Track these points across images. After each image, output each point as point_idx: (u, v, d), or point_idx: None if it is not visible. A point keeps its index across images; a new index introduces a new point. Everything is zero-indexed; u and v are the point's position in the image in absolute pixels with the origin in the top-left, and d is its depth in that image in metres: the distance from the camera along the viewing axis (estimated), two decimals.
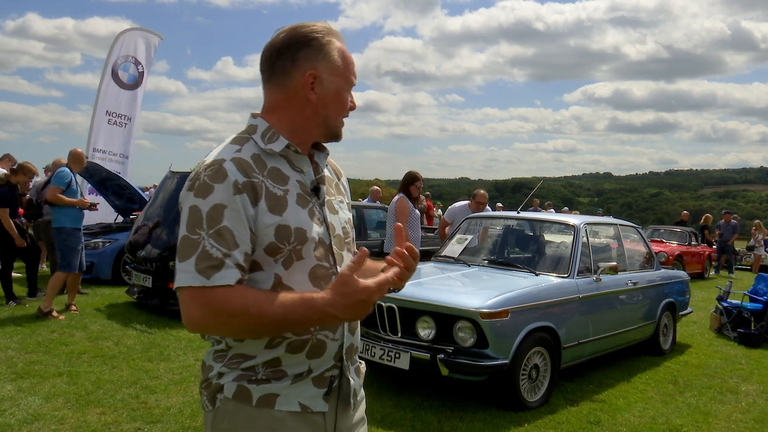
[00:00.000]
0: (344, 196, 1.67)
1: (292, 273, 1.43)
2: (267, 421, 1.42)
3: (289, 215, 1.42)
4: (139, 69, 12.35)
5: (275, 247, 1.39)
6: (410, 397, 4.66)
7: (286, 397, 1.43)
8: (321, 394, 1.46)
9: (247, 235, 1.37)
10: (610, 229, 6.65)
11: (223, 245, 1.34)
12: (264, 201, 1.39)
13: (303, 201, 1.47)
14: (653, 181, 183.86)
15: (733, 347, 7.19)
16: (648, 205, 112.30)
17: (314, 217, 1.48)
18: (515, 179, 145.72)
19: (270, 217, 1.39)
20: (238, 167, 1.39)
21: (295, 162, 1.49)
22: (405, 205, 6.90)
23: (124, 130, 12.14)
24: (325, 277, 1.47)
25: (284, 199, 1.42)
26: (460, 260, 5.78)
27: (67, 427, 3.86)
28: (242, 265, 1.36)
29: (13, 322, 6.49)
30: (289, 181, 1.46)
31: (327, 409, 1.47)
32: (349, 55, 1.56)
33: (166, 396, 4.46)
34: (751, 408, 4.97)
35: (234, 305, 1.32)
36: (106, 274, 9.13)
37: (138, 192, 9.96)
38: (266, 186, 1.41)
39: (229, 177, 1.37)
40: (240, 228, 1.36)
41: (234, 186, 1.36)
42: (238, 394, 1.42)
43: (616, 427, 4.37)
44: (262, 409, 1.41)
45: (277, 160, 1.47)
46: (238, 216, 1.36)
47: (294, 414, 1.43)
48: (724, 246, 16.64)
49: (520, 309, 4.48)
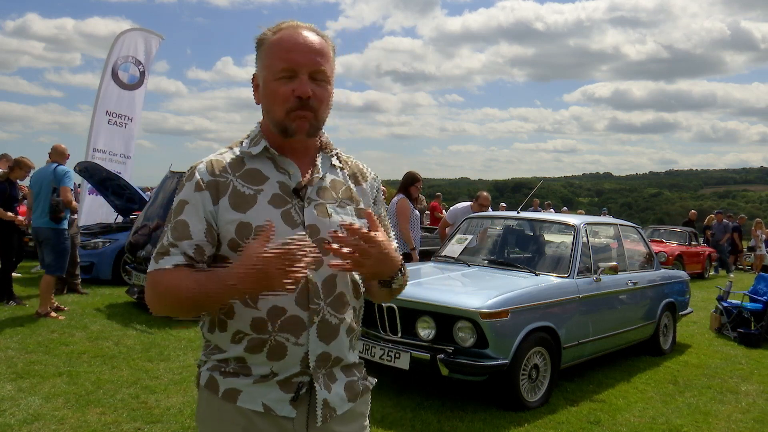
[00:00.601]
0: (359, 200, 1.59)
1: None
2: (232, 415, 1.46)
3: (253, 213, 1.44)
4: (140, 69, 12.34)
5: (236, 243, 1.44)
6: (410, 397, 4.66)
7: (248, 395, 1.45)
8: (287, 399, 1.45)
9: (203, 230, 1.44)
10: (610, 229, 6.65)
11: (174, 236, 1.45)
12: (227, 198, 1.45)
13: (279, 201, 1.47)
14: (653, 181, 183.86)
15: (733, 347, 7.19)
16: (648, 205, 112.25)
17: (289, 218, 1.46)
18: (515, 179, 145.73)
19: (232, 214, 1.44)
20: (208, 167, 1.49)
21: (280, 164, 1.51)
22: (406, 205, 6.90)
23: (124, 130, 12.12)
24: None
25: (252, 198, 1.46)
26: (460, 260, 5.78)
27: (67, 427, 3.86)
28: (190, 255, 1.43)
29: (13, 322, 6.49)
30: (267, 181, 1.48)
31: (294, 415, 1.45)
32: (284, 41, 1.46)
33: (166, 396, 4.46)
34: (751, 408, 4.97)
35: (164, 283, 1.41)
36: (106, 274, 9.12)
37: (138, 192, 9.95)
38: (234, 185, 1.46)
39: (195, 176, 1.48)
40: (196, 222, 1.45)
41: (197, 184, 1.47)
42: (208, 384, 1.49)
43: (616, 427, 4.37)
44: (227, 403, 1.46)
45: (260, 162, 1.51)
46: (195, 211, 1.45)
47: (258, 414, 1.45)
48: (717, 246, 16.71)
49: (520, 309, 4.48)
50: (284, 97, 1.45)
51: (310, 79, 1.45)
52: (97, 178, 9.83)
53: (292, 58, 1.44)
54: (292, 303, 1.44)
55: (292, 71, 1.44)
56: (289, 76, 1.44)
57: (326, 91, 1.49)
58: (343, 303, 1.51)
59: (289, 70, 1.44)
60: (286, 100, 1.45)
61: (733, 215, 19.46)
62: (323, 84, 1.48)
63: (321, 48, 1.47)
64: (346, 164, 1.64)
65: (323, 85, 1.48)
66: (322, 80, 1.47)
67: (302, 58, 1.44)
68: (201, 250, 1.44)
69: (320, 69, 1.46)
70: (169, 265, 1.42)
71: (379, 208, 1.66)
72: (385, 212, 1.71)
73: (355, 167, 1.65)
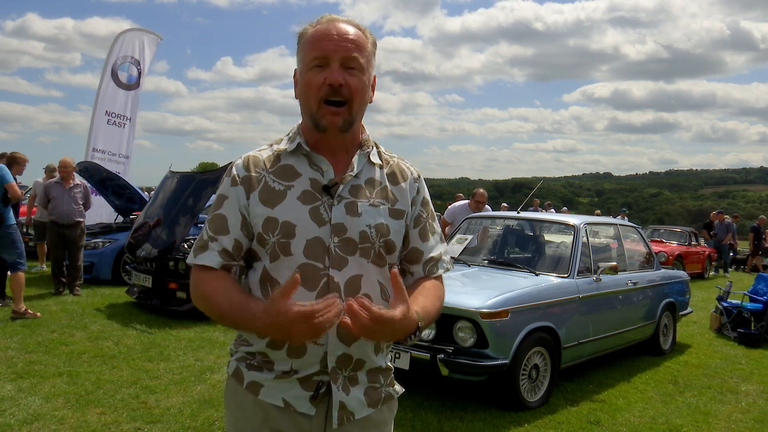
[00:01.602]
0: (395, 200, 1.54)
1: (278, 267, 1.46)
2: (254, 407, 1.49)
3: (281, 209, 1.45)
4: (139, 69, 12.34)
5: (262, 238, 1.46)
6: (410, 397, 4.66)
7: (269, 390, 1.47)
8: (307, 397, 1.45)
9: (239, 223, 1.48)
10: (610, 229, 6.65)
11: (212, 230, 1.49)
12: (257, 193, 1.47)
13: (308, 198, 1.46)
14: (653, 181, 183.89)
15: (733, 347, 7.19)
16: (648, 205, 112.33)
17: (317, 215, 1.45)
18: (515, 179, 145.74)
19: (261, 208, 1.46)
20: (244, 163, 1.51)
21: (313, 160, 1.50)
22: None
23: (123, 130, 12.14)
24: (313, 278, 1.43)
25: (282, 194, 1.46)
26: (460, 260, 5.78)
27: (67, 427, 3.85)
28: (229, 251, 1.47)
29: (13, 322, 6.47)
30: (299, 178, 1.48)
31: (313, 413, 1.46)
32: (318, 32, 1.46)
33: (166, 396, 4.46)
34: (751, 408, 4.97)
35: (204, 288, 1.46)
36: (106, 274, 9.12)
37: (138, 192, 9.95)
38: (266, 180, 1.48)
39: (233, 172, 1.51)
40: (233, 216, 1.47)
41: (233, 179, 1.50)
42: (235, 373, 1.53)
43: (616, 427, 4.37)
44: (249, 394, 1.49)
45: (295, 158, 1.51)
46: (232, 205, 1.48)
47: (278, 408, 1.47)
48: (719, 246, 16.72)
49: (520, 309, 4.48)
50: (317, 86, 1.43)
51: (343, 68, 1.43)
52: (97, 178, 9.83)
53: (323, 46, 1.43)
54: (313, 302, 1.42)
55: (323, 59, 1.43)
56: (322, 64, 1.43)
57: (360, 81, 1.45)
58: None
59: (320, 58, 1.43)
60: (318, 89, 1.43)
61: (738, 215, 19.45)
62: (357, 73, 1.44)
63: (355, 38, 1.45)
64: (387, 163, 1.59)
65: (357, 74, 1.44)
66: (356, 68, 1.44)
67: (334, 46, 1.42)
68: (239, 244, 1.48)
69: (351, 56, 1.43)
70: (206, 263, 1.46)
71: (417, 209, 1.60)
72: (428, 213, 1.64)
73: (396, 166, 1.60)
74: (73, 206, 8.05)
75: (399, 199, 1.55)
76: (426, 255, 1.60)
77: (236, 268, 1.50)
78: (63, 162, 8.20)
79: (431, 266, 1.61)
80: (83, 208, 8.20)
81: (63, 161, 8.21)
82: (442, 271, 1.64)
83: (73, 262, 8.18)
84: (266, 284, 1.47)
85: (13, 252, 6.56)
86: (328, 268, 1.44)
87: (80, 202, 8.13)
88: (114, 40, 12.19)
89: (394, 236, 1.52)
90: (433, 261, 1.61)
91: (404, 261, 1.61)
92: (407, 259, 1.60)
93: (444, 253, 1.65)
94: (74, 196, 8.07)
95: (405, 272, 1.62)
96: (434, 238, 1.63)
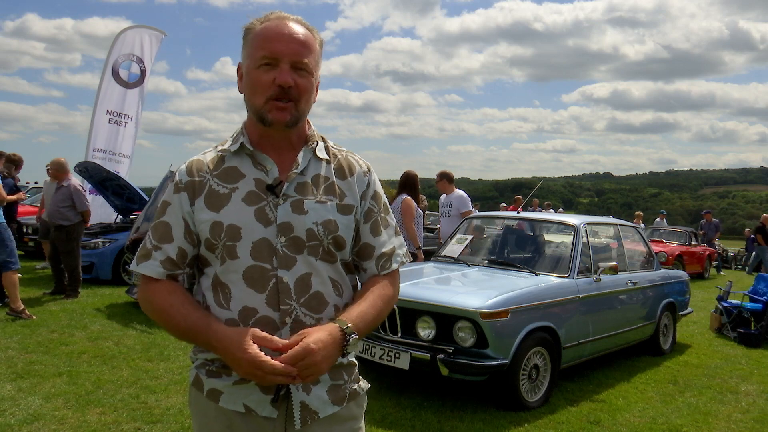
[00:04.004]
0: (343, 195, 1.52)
1: (227, 271, 1.44)
2: (216, 414, 1.47)
3: (225, 212, 1.44)
4: (141, 67, 12.28)
5: (210, 243, 1.45)
6: (410, 397, 4.66)
7: (229, 396, 1.46)
8: (268, 400, 1.43)
9: (182, 231, 1.47)
10: (610, 229, 6.65)
11: (156, 238, 1.48)
12: (202, 198, 1.45)
13: (253, 199, 1.45)
14: (653, 181, 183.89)
15: (733, 347, 7.19)
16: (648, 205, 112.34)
17: (262, 216, 1.44)
18: (515, 179, 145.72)
19: (206, 214, 1.44)
20: (187, 168, 1.49)
21: (258, 159, 1.49)
22: (411, 204, 6.90)
23: (124, 129, 12.08)
24: (261, 279, 1.42)
25: (226, 197, 1.45)
26: (460, 260, 5.78)
27: (67, 427, 3.85)
28: (173, 259, 1.46)
29: (13, 322, 6.48)
30: (244, 179, 1.47)
31: (275, 415, 1.44)
32: (268, 30, 1.44)
33: (166, 396, 4.46)
34: (751, 408, 4.97)
35: (158, 302, 1.45)
36: (106, 274, 9.12)
37: (138, 192, 9.94)
38: (210, 184, 1.47)
39: (176, 177, 1.50)
40: (176, 224, 1.46)
41: (176, 185, 1.49)
42: (195, 382, 1.52)
43: (616, 427, 4.37)
44: (211, 402, 1.48)
45: (239, 159, 1.49)
46: (175, 213, 1.47)
47: (240, 414, 1.45)
48: (709, 245, 16.73)
49: (520, 309, 4.48)
50: (265, 86, 1.42)
51: (292, 69, 1.43)
52: (97, 178, 9.83)
53: (274, 47, 1.42)
54: (263, 304, 1.42)
55: (273, 60, 1.42)
56: (271, 64, 1.42)
57: (308, 82, 1.46)
58: (320, 302, 1.46)
59: (270, 58, 1.42)
60: (266, 89, 1.42)
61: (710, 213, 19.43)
62: (305, 75, 1.45)
63: (305, 39, 1.45)
64: (335, 157, 1.56)
65: (305, 75, 1.45)
66: (304, 70, 1.45)
67: (284, 48, 1.42)
68: (183, 252, 1.47)
69: (302, 60, 1.44)
70: (149, 273, 1.46)
71: (367, 203, 1.56)
72: (380, 207, 1.60)
73: (344, 160, 1.57)
74: (59, 207, 7.79)
75: (347, 194, 1.53)
76: (378, 250, 1.57)
77: (183, 277, 1.49)
78: (51, 162, 8.21)
79: (384, 261, 1.58)
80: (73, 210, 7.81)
81: (52, 161, 8.20)
82: (396, 265, 1.60)
83: (65, 265, 8.00)
84: (217, 289, 1.45)
85: (2, 251, 6.52)
86: (276, 268, 1.43)
87: (66, 203, 7.78)
88: (115, 38, 12.14)
89: (343, 232, 1.49)
90: (385, 256, 1.58)
91: (356, 257, 1.58)
92: (359, 255, 1.58)
93: (398, 247, 1.62)
94: (60, 197, 7.85)
95: (358, 269, 1.60)
96: (387, 233, 1.59)
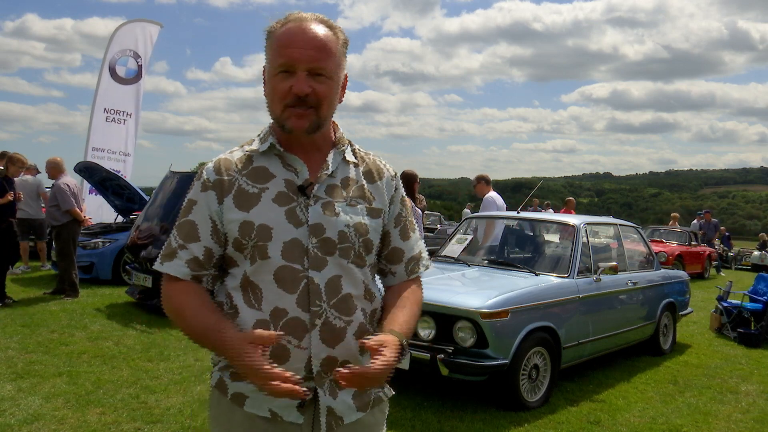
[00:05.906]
0: (372, 199, 1.52)
1: (258, 272, 1.42)
2: (241, 419, 1.45)
3: (256, 212, 1.42)
4: (139, 62, 12.17)
5: (239, 243, 1.42)
6: (410, 397, 4.66)
7: (254, 401, 1.43)
8: (294, 405, 1.41)
9: (209, 231, 1.43)
10: (610, 229, 6.65)
11: (181, 237, 1.45)
12: (231, 198, 1.43)
13: (283, 200, 1.43)
14: (653, 181, 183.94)
15: (733, 347, 7.19)
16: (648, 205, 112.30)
17: (293, 217, 1.42)
18: (515, 179, 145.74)
19: (235, 213, 1.42)
20: (215, 167, 1.47)
21: (287, 161, 1.47)
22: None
23: (123, 126, 12.01)
24: (292, 280, 1.40)
25: (256, 197, 1.43)
26: (460, 260, 5.78)
27: (67, 427, 3.85)
28: (199, 259, 1.43)
29: (13, 322, 6.48)
30: (273, 179, 1.45)
31: (302, 420, 1.42)
32: (286, 35, 1.40)
33: (166, 396, 4.46)
34: (751, 408, 4.97)
35: (175, 301, 1.43)
36: (106, 274, 9.12)
37: (138, 192, 9.94)
38: (239, 183, 1.44)
39: (203, 176, 1.47)
40: (203, 223, 1.44)
41: (203, 184, 1.46)
42: (218, 384, 1.50)
43: (616, 427, 4.37)
44: (235, 407, 1.45)
45: (267, 159, 1.47)
46: (202, 211, 1.44)
47: (265, 419, 1.43)
48: (709, 245, 16.75)
49: (520, 309, 4.48)
50: (282, 94, 1.40)
51: (310, 75, 1.39)
52: (97, 177, 9.82)
53: (290, 54, 1.38)
54: (294, 305, 1.40)
55: (290, 67, 1.39)
56: (288, 71, 1.39)
57: (328, 88, 1.42)
58: (350, 305, 1.44)
59: (286, 65, 1.39)
60: (283, 97, 1.40)
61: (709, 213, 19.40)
62: (324, 80, 1.41)
63: (323, 43, 1.40)
64: (363, 161, 1.56)
65: (324, 81, 1.41)
66: (323, 76, 1.40)
67: (299, 54, 1.38)
68: (210, 252, 1.44)
69: (319, 65, 1.39)
70: (173, 272, 1.43)
71: (396, 207, 1.59)
72: (407, 211, 1.63)
73: (372, 164, 1.57)
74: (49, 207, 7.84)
75: (376, 198, 1.53)
76: (408, 254, 1.59)
77: (208, 278, 1.46)
78: (47, 161, 8.24)
79: (413, 265, 1.60)
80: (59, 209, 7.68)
81: (47, 160, 8.24)
82: (423, 269, 1.63)
83: (58, 266, 8.01)
84: (247, 289, 1.43)
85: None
86: (307, 269, 1.41)
87: (53, 203, 7.72)
88: (111, 35, 12.00)
89: (372, 236, 1.50)
90: (414, 260, 1.61)
91: (384, 261, 1.58)
92: (388, 259, 1.58)
93: (424, 251, 1.64)
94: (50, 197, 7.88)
95: (386, 272, 1.60)
96: (414, 236, 1.62)
